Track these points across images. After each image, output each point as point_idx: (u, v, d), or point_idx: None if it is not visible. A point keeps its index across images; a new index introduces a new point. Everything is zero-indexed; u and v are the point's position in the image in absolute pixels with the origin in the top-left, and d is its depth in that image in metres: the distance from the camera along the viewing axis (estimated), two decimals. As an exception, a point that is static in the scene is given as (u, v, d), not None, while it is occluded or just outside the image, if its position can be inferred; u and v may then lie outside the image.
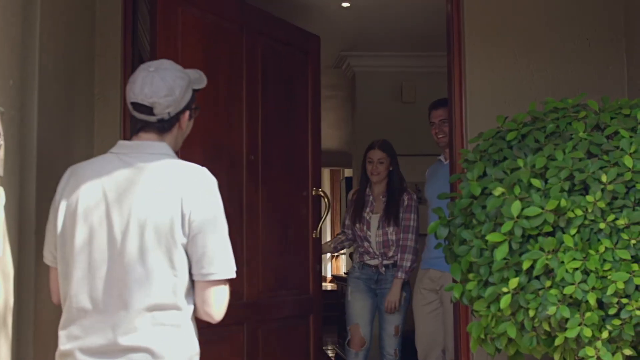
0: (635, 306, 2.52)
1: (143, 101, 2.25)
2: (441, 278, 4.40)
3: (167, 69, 2.30)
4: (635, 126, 2.92)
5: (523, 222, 2.72)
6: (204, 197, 2.20)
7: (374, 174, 4.83)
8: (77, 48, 3.54)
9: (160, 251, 2.15)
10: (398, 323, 4.79)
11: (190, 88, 2.34)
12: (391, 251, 4.80)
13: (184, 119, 2.35)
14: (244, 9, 4.35)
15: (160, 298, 2.15)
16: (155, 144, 2.28)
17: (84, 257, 2.18)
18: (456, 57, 4.03)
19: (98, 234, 2.18)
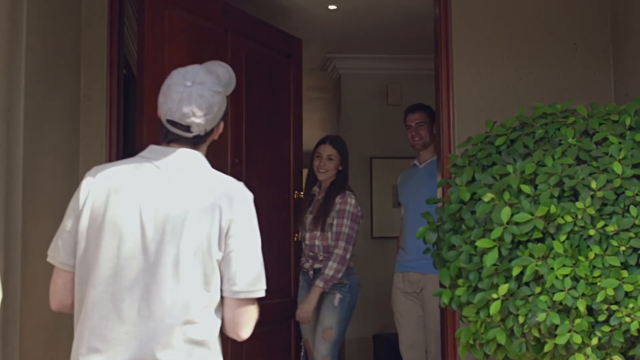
0: (625, 313, 2.52)
1: (180, 120, 2.11)
2: (421, 281, 4.36)
3: (204, 82, 2.13)
4: (623, 132, 2.93)
5: (513, 228, 2.72)
6: (242, 213, 2.12)
7: (320, 170, 4.44)
8: (63, 51, 3.52)
9: (196, 265, 2.06)
10: (331, 325, 4.30)
11: (225, 99, 2.21)
12: (320, 255, 4.39)
13: (217, 130, 2.24)
14: (229, 12, 4.35)
15: (192, 313, 2.05)
16: (191, 152, 2.16)
17: (111, 265, 2.06)
18: (444, 60, 4.03)
19: (129, 243, 2.06)
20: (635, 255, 2.61)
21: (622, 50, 3.99)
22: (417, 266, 4.34)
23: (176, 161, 2.14)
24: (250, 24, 4.56)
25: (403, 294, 4.48)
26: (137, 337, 2.03)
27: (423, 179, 4.46)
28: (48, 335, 3.19)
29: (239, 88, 4.36)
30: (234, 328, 2.13)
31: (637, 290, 2.54)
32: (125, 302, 2.04)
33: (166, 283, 2.04)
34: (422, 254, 4.16)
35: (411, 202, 4.47)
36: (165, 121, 2.15)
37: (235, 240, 2.08)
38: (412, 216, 4.41)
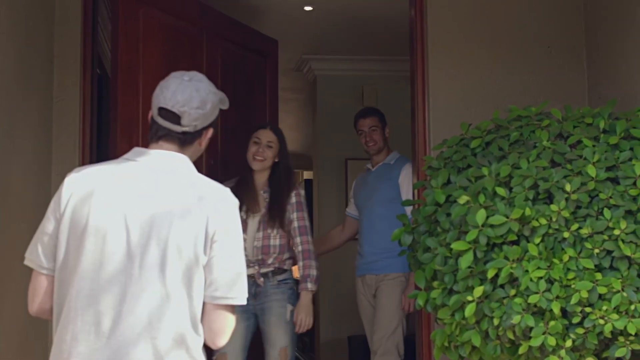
0: (599, 315, 2.54)
1: (173, 108, 2.10)
2: (376, 281, 4.37)
3: (202, 81, 2.17)
4: (597, 135, 2.95)
5: (488, 230, 2.72)
6: (228, 219, 2.09)
7: (257, 157, 3.91)
8: (36, 51, 3.48)
9: (181, 269, 2.03)
10: (285, 344, 3.84)
11: (219, 106, 2.22)
12: (271, 258, 3.89)
13: (206, 135, 2.21)
14: (205, 12, 4.34)
15: (178, 319, 2.02)
16: (177, 155, 2.14)
17: (94, 269, 2.02)
18: (419, 62, 4.03)
19: (113, 247, 2.02)
20: (608, 258, 2.63)
21: (596, 53, 4.02)
22: (372, 268, 4.38)
23: (162, 164, 2.12)
24: (226, 25, 4.55)
25: (364, 299, 4.48)
26: (121, 343, 1.99)
27: (375, 183, 4.48)
28: (22, 339, 3.15)
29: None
30: (210, 335, 2.09)
31: (610, 293, 2.55)
32: (109, 307, 2.00)
33: (151, 288, 2.00)
34: (378, 255, 4.32)
35: (366, 206, 4.50)
36: (157, 113, 2.13)
37: (220, 246, 2.06)
38: (366, 220, 4.46)
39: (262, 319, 3.85)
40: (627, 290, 2.55)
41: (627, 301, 2.53)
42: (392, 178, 4.41)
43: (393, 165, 4.48)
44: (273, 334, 3.82)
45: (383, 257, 4.30)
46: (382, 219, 4.31)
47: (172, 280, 2.01)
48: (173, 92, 2.10)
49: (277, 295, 3.85)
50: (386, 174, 4.43)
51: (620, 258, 2.61)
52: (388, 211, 4.20)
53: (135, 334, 1.99)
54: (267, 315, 3.83)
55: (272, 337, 3.83)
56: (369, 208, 4.44)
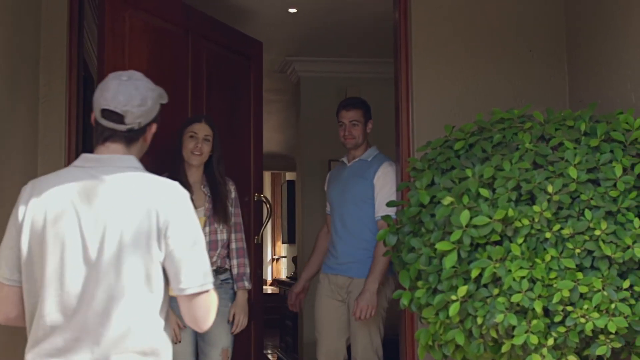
0: (580, 314, 2.59)
1: (116, 108, 2.17)
2: (351, 285, 4.12)
3: (140, 79, 2.25)
4: (578, 138, 3.00)
5: (471, 231, 2.77)
6: (178, 211, 2.16)
7: (195, 153, 3.76)
8: (21, 52, 3.48)
9: (137, 267, 2.10)
10: (227, 346, 3.80)
11: (159, 101, 2.29)
12: (216, 254, 3.80)
13: (150, 131, 2.29)
14: (190, 14, 4.36)
15: (138, 319, 2.10)
16: (124, 157, 2.21)
17: (57, 276, 2.09)
18: (403, 65, 4.07)
19: (71, 251, 2.09)
20: (589, 258, 2.68)
21: (577, 57, 4.08)
22: (345, 270, 4.15)
23: (110, 166, 2.18)
24: (211, 26, 4.57)
25: (326, 299, 4.20)
26: (89, 345, 2.07)
27: (349, 180, 4.25)
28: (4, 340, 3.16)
29: (199, 89, 4.40)
30: (193, 322, 2.20)
31: (591, 292, 2.60)
32: (74, 310, 2.08)
33: (110, 287, 2.08)
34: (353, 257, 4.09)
35: (338, 204, 4.26)
36: (100, 115, 2.20)
37: (175, 240, 2.13)
38: (339, 218, 4.22)
39: None
40: (607, 289, 2.60)
41: (608, 300, 2.58)
42: (367, 177, 4.17)
43: (370, 163, 4.23)
44: (215, 334, 3.71)
45: (358, 259, 4.10)
46: (355, 219, 4.15)
47: (129, 278, 2.09)
48: (114, 93, 2.18)
49: (220, 294, 3.70)
50: (361, 172, 4.21)
51: (601, 258, 2.66)
52: (361, 211, 4.12)
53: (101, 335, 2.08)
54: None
55: (213, 337, 3.73)
56: (342, 205, 4.22)
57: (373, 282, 3.96)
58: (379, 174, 4.14)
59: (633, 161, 2.85)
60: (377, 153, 4.28)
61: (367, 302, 3.94)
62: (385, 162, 4.19)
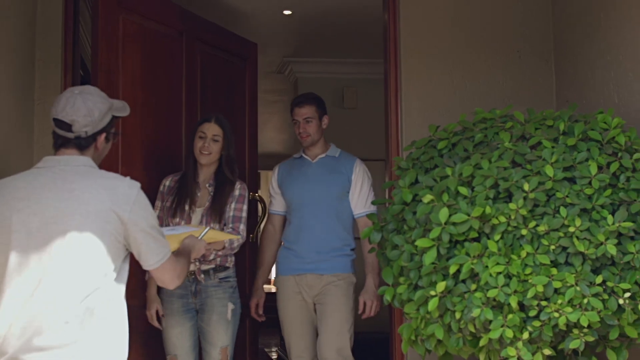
0: (554, 308, 2.66)
1: (64, 118, 2.43)
2: (320, 282, 3.98)
3: (91, 93, 2.49)
4: (557, 137, 3.07)
5: (450, 228, 2.84)
6: (130, 201, 2.40)
7: (204, 152, 3.83)
8: (16, 54, 3.57)
9: (92, 255, 2.34)
10: (226, 344, 3.84)
11: (110, 113, 2.52)
12: (212, 253, 3.79)
13: (99, 140, 2.51)
14: (184, 17, 4.43)
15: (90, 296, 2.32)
16: (79, 157, 2.45)
17: (17, 265, 2.31)
18: (392, 66, 4.16)
19: (36, 241, 2.32)
20: (564, 254, 2.75)
21: (563, 58, 4.15)
22: (316, 268, 3.99)
23: (67, 165, 2.43)
24: (205, 28, 4.64)
25: (294, 300, 4.02)
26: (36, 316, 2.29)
27: (321, 176, 4.08)
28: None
29: (194, 90, 4.48)
30: (165, 284, 2.57)
31: (565, 287, 2.67)
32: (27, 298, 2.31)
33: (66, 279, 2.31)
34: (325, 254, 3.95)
35: (308, 200, 4.05)
36: (53, 124, 2.47)
37: (135, 226, 2.39)
38: (309, 215, 4.03)
39: (202, 317, 3.82)
40: (580, 284, 2.67)
41: (580, 295, 2.65)
42: (342, 172, 4.06)
43: (339, 159, 4.12)
44: (214, 333, 3.80)
45: (330, 256, 3.99)
46: (330, 215, 4.02)
47: (84, 267, 2.32)
48: (63, 105, 2.45)
49: (218, 293, 3.82)
50: (334, 168, 4.08)
51: (575, 254, 2.73)
52: (335, 207, 4.02)
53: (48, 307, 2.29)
54: (208, 314, 3.81)
55: (212, 336, 3.81)
56: (314, 203, 4.03)
57: (375, 278, 3.97)
58: (356, 171, 4.06)
59: (609, 159, 2.92)
60: (340, 150, 4.20)
61: (372, 298, 3.95)
62: (357, 160, 4.13)
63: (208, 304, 3.82)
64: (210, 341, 3.83)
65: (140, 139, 3.99)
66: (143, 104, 4.03)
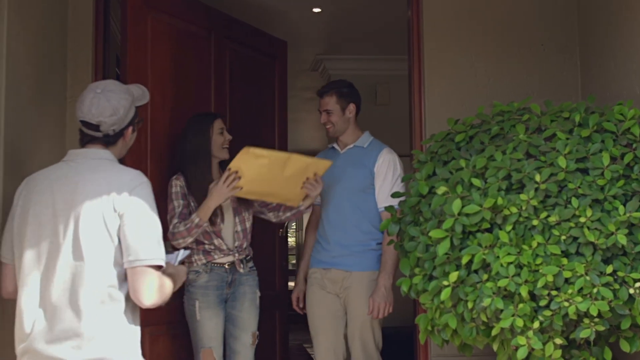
0: (564, 298, 2.68)
1: (91, 120, 2.53)
2: (346, 279, 3.91)
3: (112, 90, 2.56)
4: (572, 128, 3.09)
5: (463, 219, 2.89)
6: (132, 194, 2.43)
7: (225, 146, 3.94)
8: (49, 53, 3.70)
9: (95, 244, 2.40)
10: (255, 329, 3.97)
11: (133, 106, 2.60)
12: (246, 241, 3.94)
13: (127, 133, 2.61)
14: (212, 15, 4.51)
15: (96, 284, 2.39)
16: (100, 150, 2.55)
17: (34, 253, 2.43)
18: (416, 62, 4.20)
19: (46, 232, 2.43)
20: (575, 244, 2.77)
21: (588, 52, 4.14)
22: (341, 263, 3.93)
23: (86, 158, 2.53)
24: (234, 27, 4.72)
25: (320, 293, 3.97)
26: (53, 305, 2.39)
27: (345, 168, 4.00)
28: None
29: (222, 89, 4.57)
30: (134, 295, 2.41)
31: (575, 277, 2.70)
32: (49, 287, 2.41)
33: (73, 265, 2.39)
34: (348, 249, 3.88)
35: (333, 193, 4.00)
36: (80, 123, 2.56)
37: (128, 219, 2.41)
38: (334, 208, 3.98)
39: (234, 305, 3.91)
40: (590, 274, 2.69)
41: (590, 285, 2.67)
42: (367, 165, 3.96)
43: (366, 150, 4.02)
44: (245, 318, 3.92)
45: (355, 251, 3.91)
46: (354, 209, 3.94)
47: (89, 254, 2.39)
48: (88, 106, 2.54)
49: (249, 281, 3.96)
50: (359, 159, 3.98)
51: (586, 244, 2.75)
52: (359, 201, 3.93)
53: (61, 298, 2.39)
54: (241, 301, 3.92)
55: (244, 321, 3.92)
56: (337, 196, 3.98)
57: (386, 277, 3.82)
58: (379, 162, 3.94)
59: (623, 151, 2.93)
60: (372, 139, 4.09)
61: (384, 299, 3.80)
62: (384, 149, 4.00)
63: (240, 291, 3.93)
64: (241, 327, 3.93)
65: (168, 136, 4.09)
66: (172, 102, 4.13)
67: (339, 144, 4.11)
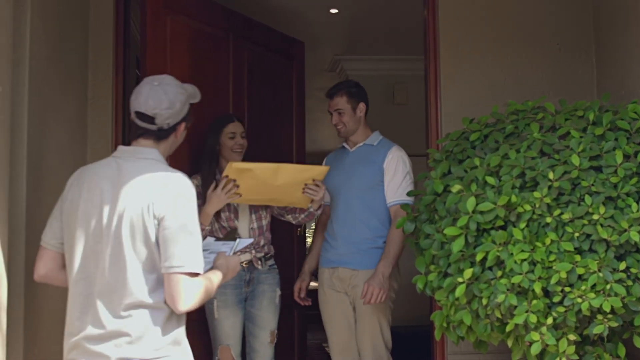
0: (577, 294, 2.71)
1: (147, 111, 2.50)
2: (353, 277, 3.90)
3: (169, 84, 2.55)
4: (586, 127, 3.11)
5: (477, 216, 2.92)
6: (175, 199, 2.41)
7: (237, 150, 3.98)
8: (70, 54, 3.77)
9: (135, 246, 2.40)
10: (274, 328, 4.02)
11: (188, 102, 2.59)
12: (263, 238, 3.98)
13: (180, 129, 2.59)
14: (230, 17, 4.57)
15: (135, 285, 2.40)
16: (147, 149, 2.52)
17: (82, 249, 2.45)
18: (432, 62, 4.24)
19: (94, 228, 2.44)
20: (588, 241, 2.80)
21: (604, 50, 4.16)
22: (348, 261, 3.93)
23: (134, 157, 2.51)
24: (252, 28, 4.77)
25: (330, 292, 3.98)
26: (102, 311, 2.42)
27: (354, 166, 4.02)
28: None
29: (241, 89, 4.63)
30: (170, 301, 2.40)
31: (588, 273, 2.73)
32: (95, 279, 2.43)
33: (114, 264, 2.41)
34: (355, 247, 3.88)
35: (342, 190, 4.00)
36: (134, 115, 2.54)
37: (167, 224, 2.38)
38: (343, 205, 3.98)
39: (253, 303, 3.97)
40: (603, 270, 2.72)
41: (603, 281, 2.70)
42: (376, 162, 3.96)
43: (376, 148, 4.03)
44: (264, 317, 3.97)
45: (361, 249, 3.91)
46: (363, 206, 3.94)
47: (128, 255, 2.40)
48: (145, 97, 2.51)
49: (268, 279, 4.00)
50: (368, 157, 4.00)
51: (599, 241, 2.78)
52: (368, 198, 3.93)
53: (108, 298, 2.41)
54: (259, 299, 3.97)
55: (263, 320, 3.97)
56: (347, 193, 3.98)
57: (386, 265, 3.77)
58: (389, 159, 3.94)
59: (637, 149, 2.96)
60: (381, 138, 4.10)
61: (379, 285, 3.72)
62: (393, 147, 4.01)
63: (259, 290, 3.98)
64: (260, 325, 3.97)
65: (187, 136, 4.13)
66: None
67: (348, 143, 4.12)
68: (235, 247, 2.77)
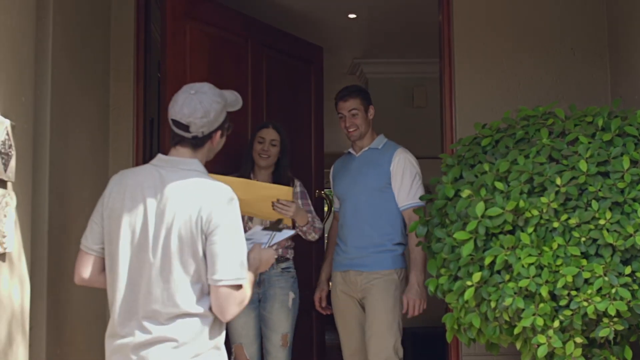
0: (583, 298, 2.76)
1: (181, 120, 2.53)
2: (363, 281, 3.92)
3: (206, 93, 2.57)
4: (594, 132, 3.16)
5: (486, 221, 2.98)
6: (219, 211, 2.45)
7: (263, 155, 4.07)
8: (92, 63, 3.88)
9: (183, 258, 2.44)
10: (287, 331, 4.06)
11: (224, 111, 2.60)
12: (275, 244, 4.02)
13: (215, 137, 2.60)
14: (249, 23, 4.66)
15: (178, 295, 2.44)
16: (188, 160, 2.55)
17: (126, 257, 2.48)
18: (447, 66, 4.29)
19: (138, 237, 2.47)
20: (594, 246, 2.85)
21: (618, 54, 4.19)
22: (358, 264, 3.95)
23: (176, 168, 2.54)
24: (270, 34, 4.86)
25: (343, 296, 4.01)
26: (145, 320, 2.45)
27: (361, 169, 4.04)
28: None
29: (259, 94, 4.72)
30: (218, 311, 2.47)
31: (594, 277, 2.78)
32: (139, 289, 2.47)
33: (161, 275, 2.44)
34: (365, 250, 3.90)
35: (349, 194, 4.04)
36: (171, 123, 2.58)
37: (213, 236, 2.43)
38: (351, 210, 4.02)
39: (265, 306, 4.04)
40: (609, 275, 2.77)
41: (609, 285, 2.75)
42: (381, 164, 3.99)
43: (381, 151, 4.05)
44: (275, 320, 4.03)
45: (371, 252, 3.93)
46: (370, 210, 3.96)
47: (176, 267, 2.44)
48: (180, 106, 2.54)
49: (280, 282, 4.06)
50: (374, 160, 4.02)
51: (605, 246, 2.83)
52: (376, 201, 3.95)
53: (151, 307, 2.44)
54: (271, 302, 4.03)
55: (274, 323, 4.03)
56: (354, 197, 4.01)
57: (418, 274, 3.84)
58: (395, 161, 3.96)
59: (645, 154, 3.00)
60: (386, 141, 4.11)
61: (418, 296, 3.82)
62: (399, 149, 4.03)
63: (271, 292, 4.05)
64: (272, 328, 4.04)
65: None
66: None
67: (354, 148, 4.15)
68: (272, 239, 2.82)
